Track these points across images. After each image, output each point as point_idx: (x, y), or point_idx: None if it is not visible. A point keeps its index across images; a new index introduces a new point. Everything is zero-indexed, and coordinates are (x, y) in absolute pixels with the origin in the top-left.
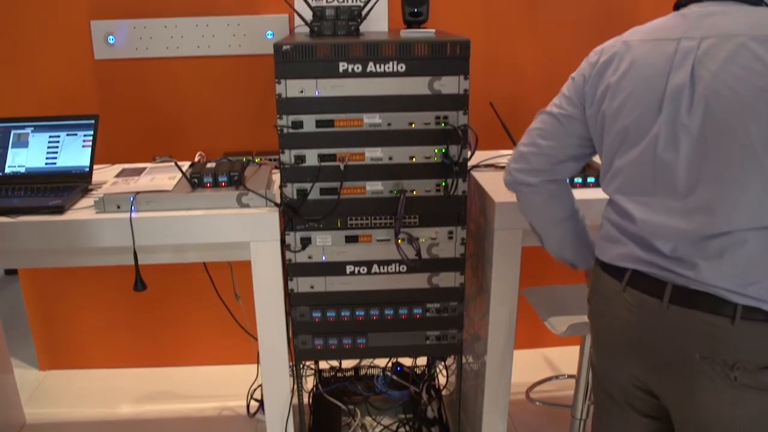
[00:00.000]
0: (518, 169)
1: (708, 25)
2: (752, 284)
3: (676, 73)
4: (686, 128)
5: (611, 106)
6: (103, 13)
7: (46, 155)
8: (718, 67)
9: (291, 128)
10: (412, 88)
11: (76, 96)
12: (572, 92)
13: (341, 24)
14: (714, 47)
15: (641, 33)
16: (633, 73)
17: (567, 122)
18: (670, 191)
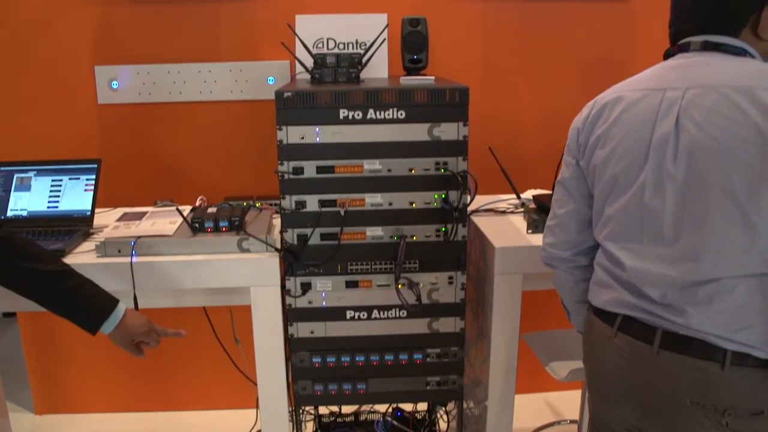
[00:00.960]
0: (549, 243)
1: (692, 76)
2: (741, 330)
3: (662, 122)
4: (671, 177)
5: (601, 155)
6: (107, 59)
7: (48, 199)
8: (702, 117)
9: (292, 174)
10: (411, 135)
11: (79, 140)
12: (569, 150)
13: (342, 71)
14: (698, 97)
15: (631, 84)
16: (622, 122)
17: (572, 186)
18: (658, 239)
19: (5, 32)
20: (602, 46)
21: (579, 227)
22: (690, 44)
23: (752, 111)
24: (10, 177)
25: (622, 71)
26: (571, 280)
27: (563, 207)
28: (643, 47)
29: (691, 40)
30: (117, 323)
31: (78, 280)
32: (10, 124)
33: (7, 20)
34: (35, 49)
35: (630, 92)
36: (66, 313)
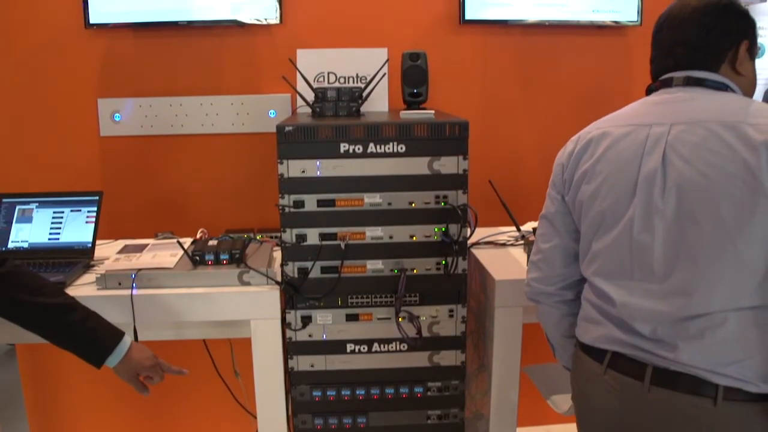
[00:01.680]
0: (533, 278)
1: (677, 111)
2: (732, 364)
3: (649, 158)
4: (661, 212)
5: (587, 191)
6: (110, 92)
7: (49, 231)
8: (689, 153)
9: (293, 207)
10: (412, 169)
11: (82, 171)
12: (554, 185)
13: (342, 105)
14: (684, 133)
15: (615, 119)
16: (607, 158)
17: (557, 220)
18: (648, 274)
19: (10, 64)
20: (599, 79)
21: (565, 261)
22: (672, 80)
23: (739, 146)
24: (12, 209)
25: (620, 103)
26: (556, 314)
27: (548, 241)
28: (639, 79)
29: (673, 75)
30: (122, 356)
31: (83, 313)
32: (13, 156)
33: (12, 52)
34: (39, 82)
35: (615, 128)
36: (71, 346)
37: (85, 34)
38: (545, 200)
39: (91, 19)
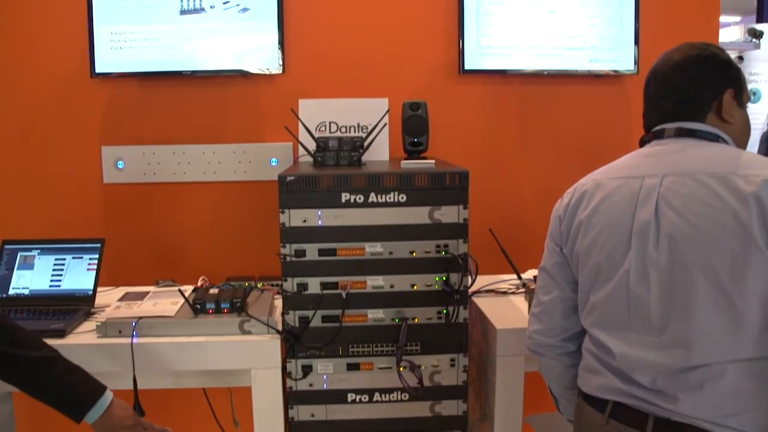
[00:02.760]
0: (535, 331)
1: (669, 163)
2: (733, 416)
3: (642, 209)
4: (655, 263)
5: (584, 243)
6: (114, 139)
7: (50, 277)
8: (680, 204)
9: (294, 257)
10: (412, 218)
11: (84, 218)
12: (552, 237)
13: (344, 154)
14: (675, 184)
15: (609, 171)
16: (602, 210)
17: (556, 272)
18: (646, 326)
19: (16, 111)
20: (598, 127)
21: (565, 313)
22: (664, 131)
23: (729, 197)
24: (14, 255)
25: (619, 150)
26: (559, 367)
27: (548, 293)
28: (637, 127)
29: (665, 127)
30: (102, 412)
31: (64, 367)
32: (16, 201)
33: (19, 99)
34: (44, 129)
35: (609, 179)
36: (50, 400)
37: (91, 83)
38: (544, 252)
39: (97, 69)
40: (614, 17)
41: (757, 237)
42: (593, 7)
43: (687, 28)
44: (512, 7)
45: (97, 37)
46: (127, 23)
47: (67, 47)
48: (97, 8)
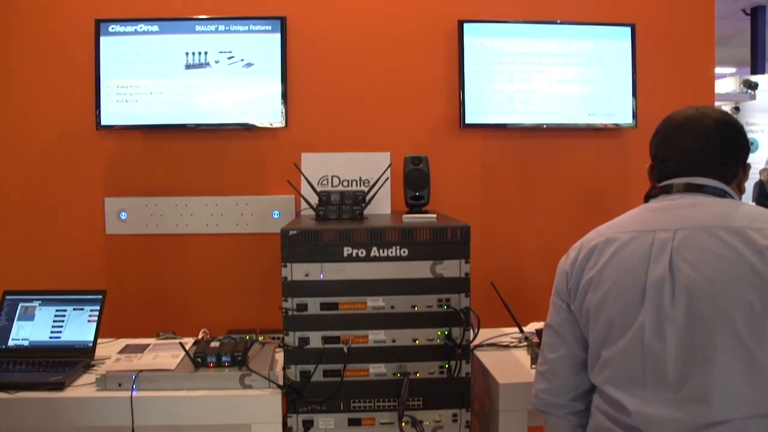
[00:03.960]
0: (541, 389)
1: (680, 217)
2: None
3: (655, 264)
4: (671, 318)
5: (594, 298)
6: (118, 191)
7: (51, 329)
8: (695, 258)
9: (296, 311)
10: (414, 272)
11: (86, 269)
12: (558, 294)
13: (346, 208)
14: (688, 238)
15: (618, 226)
16: (613, 265)
17: (563, 329)
18: (662, 381)
19: (22, 161)
20: (598, 179)
21: (573, 371)
22: (672, 186)
23: (745, 250)
24: (15, 306)
25: (618, 202)
26: (566, 426)
27: (555, 351)
28: (636, 179)
29: (673, 182)
30: None
31: None
32: (19, 251)
33: (25, 150)
34: (49, 179)
35: (619, 234)
36: None
37: (96, 135)
38: (549, 308)
39: (103, 121)
40: (612, 71)
41: None
42: (591, 62)
43: (683, 80)
44: (511, 63)
45: (103, 90)
46: (133, 77)
47: (74, 99)
48: (105, 62)
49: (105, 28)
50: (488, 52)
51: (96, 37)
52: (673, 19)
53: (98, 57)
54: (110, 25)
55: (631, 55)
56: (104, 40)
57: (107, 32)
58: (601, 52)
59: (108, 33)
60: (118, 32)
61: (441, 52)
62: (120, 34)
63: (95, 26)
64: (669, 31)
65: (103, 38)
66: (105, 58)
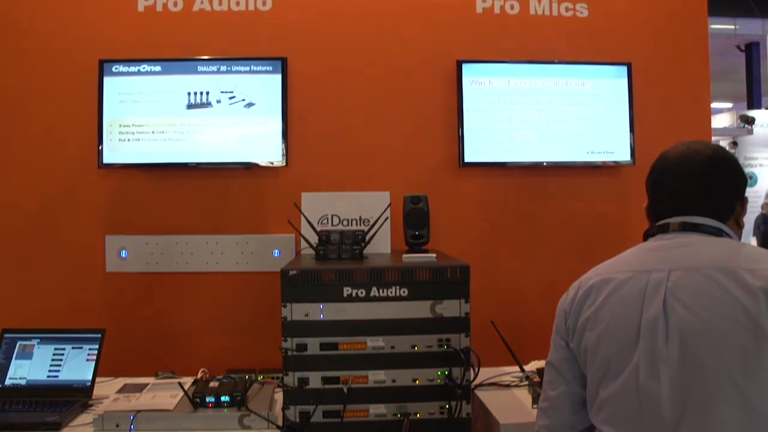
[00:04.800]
0: (543, 426)
1: (675, 257)
2: None
3: (650, 304)
4: (665, 359)
5: (591, 338)
6: (119, 229)
7: (49, 367)
8: (689, 299)
9: (295, 351)
10: (414, 312)
11: (86, 306)
12: (558, 332)
13: (346, 248)
14: (683, 279)
15: (615, 266)
16: (609, 305)
17: (564, 367)
18: (658, 422)
19: (24, 199)
20: (597, 217)
21: (573, 408)
22: (669, 225)
23: (738, 292)
24: (13, 344)
25: (617, 239)
26: None
27: (555, 389)
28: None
29: (669, 221)
30: None
31: None
32: (19, 289)
33: (27, 188)
34: (50, 217)
35: (615, 274)
36: None
37: (98, 174)
38: (551, 346)
39: (105, 160)
40: (609, 110)
41: None
42: (588, 101)
43: (680, 117)
44: (509, 102)
45: (106, 129)
46: (135, 116)
47: (77, 138)
48: (108, 102)
49: (109, 68)
50: (486, 91)
51: (100, 77)
52: (668, 57)
53: (101, 96)
54: (114, 65)
55: (628, 94)
56: (108, 80)
57: (111, 72)
58: (598, 90)
59: (111, 73)
60: (121, 72)
61: (440, 92)
62: (123, 74)
63: (99, 66)
64: (665, 68)
65: (106, 78)
66: (108, 97)
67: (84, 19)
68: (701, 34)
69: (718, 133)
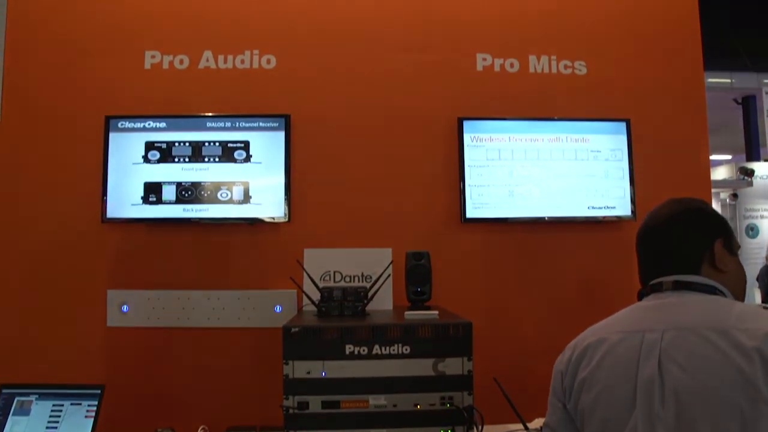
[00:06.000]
0: None
1: (668, 317)
2: None
3: (645, 365)
4: (662, 420)
5: (587, 399)
6: (120, 283)
7: (46, 425)
8: (684, 360)
9: (297, 409)
10: (416, 370)
11: (86, 361)
12: (555, 393)
13: (348, 305)
14: (676, 339)
15: (610, 326)
16: (605, 365)
17: (560, 428)
18: None
19: (26, 252)
20: (599, 271)
21: None
22: (662, 284)
23: (732, 353)
24: (11, 400)
25: (620, 294)
26: None
27: None
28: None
29: (662, 280)
30: None
31: None
32: (18, 342)
33: (29, 241)
34: (52, 270)
35: (610, 334)
36: None
37: (101, 228)
38: (548, 408)
39: (108, 214)
40: (609, 165)
41: (764, 392)
42: (588, 157)
43: (680, 170)
44: (510, 158)
45: (110, 184)
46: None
47: (81, 193)
48: (113, 157)
49: (114, 124)
50: (487, 147)
51: (105, 133)
52: (667, 112)
53: (107, 152)
54: (119, 121)
55: (627, 150)
56: (113, 136)
57: (116, 128)
58: (598, 146)
59: (117, 129)
60: (127, 128)
61: (441, 148)
62: (129, 130)
63: (105, 122)
64: (663, 123)
65: (112, 134)
66: (113, 153)
67: (92, 77)
68: (698, 89)
69: (718, 185)
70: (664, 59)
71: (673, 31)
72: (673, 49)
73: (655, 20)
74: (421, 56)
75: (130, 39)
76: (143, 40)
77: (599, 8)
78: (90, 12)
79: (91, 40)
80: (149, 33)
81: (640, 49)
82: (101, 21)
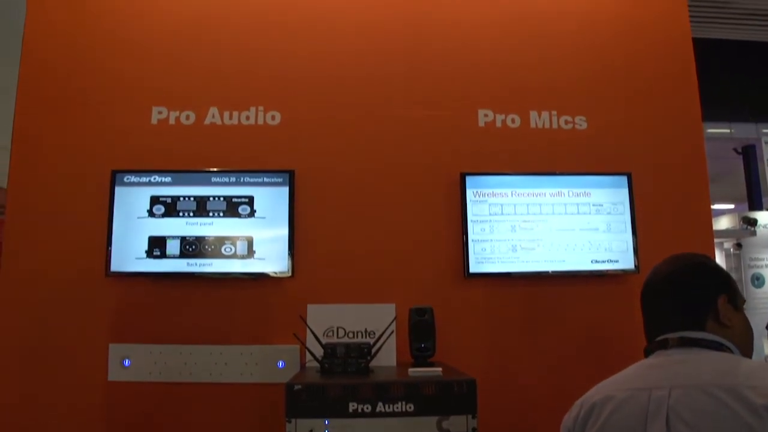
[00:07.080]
0: None
1: (675, 375)
2: None
3: (653, 423)
4: None
5: None
6: (122, 337)
7: None
8: (692, 418)
9: None
10: (420, 428)
11: (85, 416)
12: None
13: (351, 361)
14: (684, 397)
15: (616, 383)
16: (612, 425)
17: None
18: None
19: (28, 304)
20: (604, 325)
21: None
22: (668, 341)
23: (741, 410)
24: None
25: (625, 348)
26: None
27: None
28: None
29: (668, 336)
30: None
31: None
32: (17, 396)
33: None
34: (53, 323)
35: (617, 392)
36: None
37: (104, 282)
38: None
39: (112, 268)
40: (611, 219)
41: None
42: (590, 211)
43: (682, 222)
44: (512, 213)
45: (115, 238)
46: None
47: (85, 247)
48: (118, 211)
49: (120, 178)
50: (490, 203)
51: (111, 186)
52: (667, 163)
53: (112, 206)
54: (126, 175)
55: (629, 204)
56: (119, 190)
57: (122, 182)
58: (600, 200)
59: (123, 183)
60: (132, 183)
61: (444, 203)
62: (134, 184)
63: (111, 176)
64: (664, 174)
65: (117, 188)
66: (119, 206)
67: (101, 131)
68: (698, 139)
69: (720, 234)
70: (663, 111)
71: (671, 83)
72: (672, 101)
73: (653, 74)
74: (423, 112)
75: (138, 94)
76: (151, 96)
77: (598, 63)
78: (99, 67)
79: (99, 94)
80: (157, 89)
81: (639, 102)
82: (110, 76)
